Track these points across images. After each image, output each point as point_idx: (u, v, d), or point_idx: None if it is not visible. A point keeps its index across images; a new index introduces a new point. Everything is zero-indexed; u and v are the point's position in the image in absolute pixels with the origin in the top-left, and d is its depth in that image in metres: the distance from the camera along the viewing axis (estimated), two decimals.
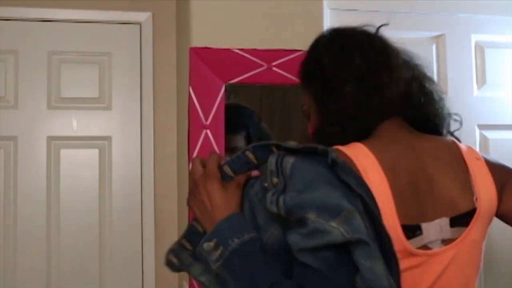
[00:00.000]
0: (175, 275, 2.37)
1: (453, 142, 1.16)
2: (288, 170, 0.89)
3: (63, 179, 2.37)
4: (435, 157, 1.09)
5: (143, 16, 2.44)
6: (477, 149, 2.24)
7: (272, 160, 0.92)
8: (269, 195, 0.90)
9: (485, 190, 1.08)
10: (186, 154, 1.92)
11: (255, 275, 0.86)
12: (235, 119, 1.90)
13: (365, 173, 0.98)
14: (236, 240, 0.89)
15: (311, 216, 0.83)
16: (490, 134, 2.28)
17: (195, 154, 1.85)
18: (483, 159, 1.14)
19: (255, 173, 0.97)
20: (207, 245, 0.91)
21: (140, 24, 2.45)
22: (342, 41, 1.17)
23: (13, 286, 2.29)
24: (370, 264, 0.81)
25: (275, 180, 0.91)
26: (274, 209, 0.89)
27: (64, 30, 2.41)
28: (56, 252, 2.33)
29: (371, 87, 1.09)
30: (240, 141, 1.92)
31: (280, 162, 0.91)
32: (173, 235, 2.39)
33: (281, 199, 0.88)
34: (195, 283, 1.84)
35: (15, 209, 2.31)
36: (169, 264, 1.04)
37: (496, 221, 1.14)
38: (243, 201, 0.97)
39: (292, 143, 0.93)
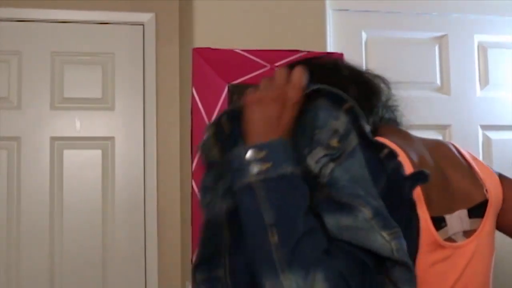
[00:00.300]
0: (178, 274, 2.38)
1: (451, 143, 1.18)
2: (351, 147, 0.84)
3: (66, 179, 2.37)
4: (441, 154, 1.11)
5: (146, 17, 2.45)
6: (480, 149, 2.25)
7: (343, 120, 0.85)
8: (319, 151, 0.83)
9: (491, 182, 1.11)
10: (189, 154, 1.92)
11: (298, 213, 0.78)
12: None
13: None
14: (290, 168, 0.80)
15: (366, 212, 0.78)
16: (492, 135, 2.28)
17: (198, 155, 1.85)
18: (479, 159, 1.16)
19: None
20: (253, 153, 0.81)
21: (143, 24, 2.46)
22: (320, 62, 1.18)
23: (17, 286, 2.30)
24: None
25: (335, 142, 0.84)
26: (316, 169, 0.82)
27: (67, 30, 2.42)
28: (59, 251, 2.34)
29: (365, 90, 1.11)
30: None
31: (350, 130, 0.85)
32: (175, 235, 2.40)
33: (330, 166, 0.82)
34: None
35: (18, 209, 2.32)
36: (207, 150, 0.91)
37: None
38: None
39: (368, 128, 0.87)
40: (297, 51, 1.89)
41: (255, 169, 0.80)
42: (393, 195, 0.85)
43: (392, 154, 0.86)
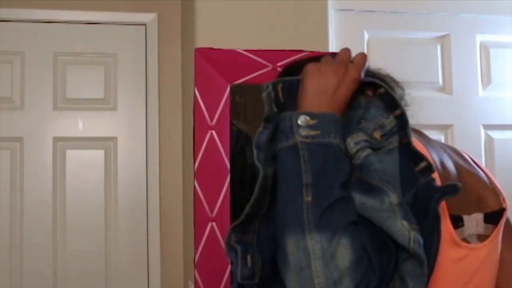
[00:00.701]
0: (180, 274, 2.38)
1: (465, 152, 1.17)
2: (391, 146, 0.87)
3: (69, 180, 2.38)
4: (457, 157, 1.11)
5: (148, 17, 2.45)
6: (482, 149, 2.25)
7: (392, 121, 0.88)
8: (360, 135, 0.86)
9: (504, 193, 1.10)
10: (191, 154, 1.92)
11: (336, 181, 0.80)
12: None
13: None
14: (337, 140, 0.82)
15: (393, 197, 0.80)
16: (495, 134, 2.28)
17: (200, 155, 1.85)
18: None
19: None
20: (304, 119, 0.83)
21: (145, 25, 2.46)
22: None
23: (20, 286, 2.30)
24: (413, 285, 0.80)
25: (378, 135, 0.86)
26: (352, 150, 0.85)
27: (70, 31, 2.42)
28: (62, 251, 2.34)
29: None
30: None
31: (395, 130, 0.87)
32: (178, 235, 2.40)
33: (366, 151, 0.84)
34: (200, 282, 1.85)
35: (21, 209, 2.32)
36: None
37: None
38: None
39: (412, 137, 0.89)
40: (299, 51, 1.89)
41: (303, 132, 0.82)
42: (418, 208, 0.85)
43: (429, 169, 0.87)
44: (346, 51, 0.93)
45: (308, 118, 0.83)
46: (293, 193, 0.80)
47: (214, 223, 1.85)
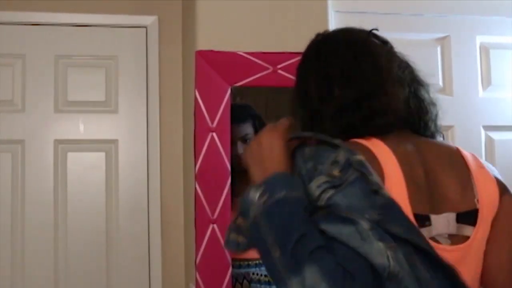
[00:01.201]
0: (182, 276, 2.38)
1: (457, 148, 1.17)
2: (351, 178, 0.93)
3: (70, 182, 2.38)
4: (437, 157, 1.11)
5: (149, 20, 2.46)
6: (482, 150, 2.25)
7: (343, 154, 0.95)
8: (321, 178, 0.93)
9: (487, 193, 1.09)
10: (192, 156, 1.93)
11: (290, 225, 0.89)
12: (241, 109, 1.95)
13: (384, 164, 1.01)
14: (283, 192, 0.92)
15: (364, 224, 0.87)
16: (495, 135, 2.28)
17: (201, 157, 1.86)
18: (486, 168, 1.14)
19: (312, 142, 1.00)
20: (253, 192, 0.94)
21: (146, 27, 2.46)
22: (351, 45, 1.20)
23: (21, 287, 2.31)
24: None
25: (336, 172, 0.93)
26: (316, 193, 0.92)
27: (71, 34, 2.42)
28: (63, 253, 2.34)
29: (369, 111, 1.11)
30: (248, 128, 1.95)
31: (350, 165, 0.94)
32: (179, 237, 2.40)
33: (329, 192, 0.91)
34: (201, 284, 1.85)
35: (22, 211, 2.32)
36: (232, 245, 1.04)
37: None
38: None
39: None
40: (299, 53, 1.89)
41: (256, 203, 0.93)
42: None
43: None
44: (268, 126, 1.07)
45: (255, 189, 0.94)
46: (267, 257, 0.90)
47: (215, 225, 1.85)
